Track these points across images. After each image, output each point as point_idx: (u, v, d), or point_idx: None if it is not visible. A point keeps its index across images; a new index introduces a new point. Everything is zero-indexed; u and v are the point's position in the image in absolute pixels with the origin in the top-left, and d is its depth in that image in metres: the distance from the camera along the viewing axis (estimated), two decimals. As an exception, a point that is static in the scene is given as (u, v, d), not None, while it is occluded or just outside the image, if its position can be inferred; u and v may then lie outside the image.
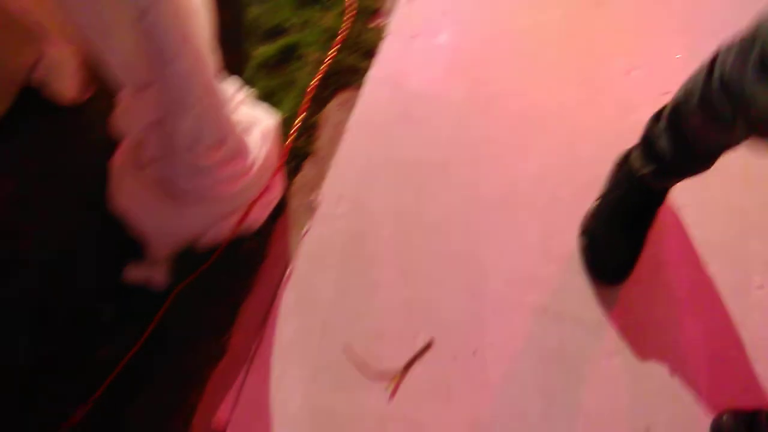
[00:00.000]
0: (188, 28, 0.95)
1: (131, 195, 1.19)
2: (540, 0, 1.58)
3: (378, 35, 1.53)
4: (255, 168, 1.19)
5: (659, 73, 1.46)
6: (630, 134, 1.34)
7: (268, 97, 1.44)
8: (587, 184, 1.27)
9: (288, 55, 1.55)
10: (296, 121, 1.38)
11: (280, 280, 1.20)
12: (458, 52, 1.49)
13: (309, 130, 1.38)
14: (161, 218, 1.16)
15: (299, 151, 1.35)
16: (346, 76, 1.46)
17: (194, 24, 0.97)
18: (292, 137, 1.35)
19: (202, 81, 1.03)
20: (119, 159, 1.22)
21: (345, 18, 1.56)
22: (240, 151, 1.16)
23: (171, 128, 1.05)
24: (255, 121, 1.26)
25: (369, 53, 1.50)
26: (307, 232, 1.25)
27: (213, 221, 1.17)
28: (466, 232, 1.24)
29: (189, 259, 1.19)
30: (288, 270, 1.21)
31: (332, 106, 1.42)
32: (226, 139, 1.12)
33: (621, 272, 1.13)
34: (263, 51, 1.57)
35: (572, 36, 1.52)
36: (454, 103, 1.40)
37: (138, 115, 1.08)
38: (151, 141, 1.11)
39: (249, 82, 1.46)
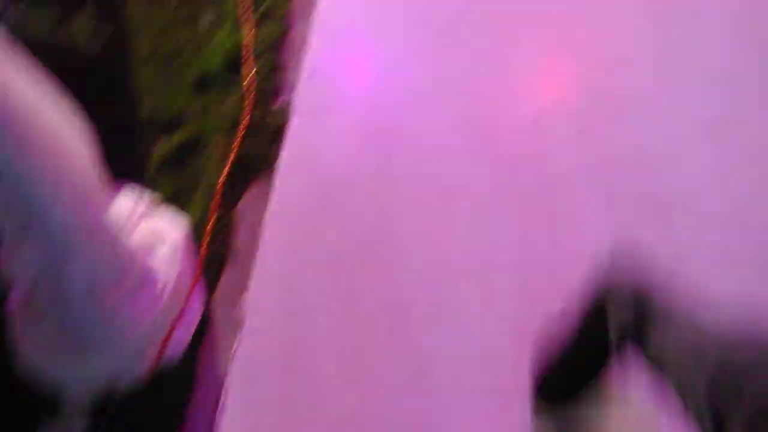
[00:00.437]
0: (59, 171, 0.85)
1: (33, 347, 1.06)
2: (440, 56, 1.55)
3: (283, 116, 1.45)
4: (167, 292, 1.09)
5: (564, 115, 1.46)
6: (549, 183, 1.34)
7: (174, 198, 1.34)
8: (520, 244, 1.24)
9: (191, 148, 1.45)
10: (209, 224, 1.28)
11: (215, 409, 1.09)
12: (366, 122, 1.44)
13: (224, 230, 1.29)
14: (69, 370, 1.03)
15: (216, 257, 1.25)
16: (256, 164, 1.38)
17: (67, 162, 0.87)
18: (206, 243, 1.25)
19: (88, 220, 0.93)
20: (15, 309, 1.08)
21: (246, 101, 1.48)
22: (146, 280, 1.05)
23: (61, 275, 0.93)
24: (161, 236, 1.16)
25: (276, 136, 1.42)
26: (237, 348, 1.15)
27: (129, 361, 1.05)
28: (405, 318, 1.17)
29: (110, 405, 1.07)
30: (222, 395, 1.10)
31: (246, 201, 1.34)
32: (128, 273, 1.01)
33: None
34: (163, 146, 1.47)
35: (475, 90, 1.50)
36: (370, 178, 1.34)
37: (24, 264, 0.96)
38: (44, 289, 0.99)
39: (152, 184, 1.36)
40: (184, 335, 1.13)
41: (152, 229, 1.16)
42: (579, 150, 1.40)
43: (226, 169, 1.36)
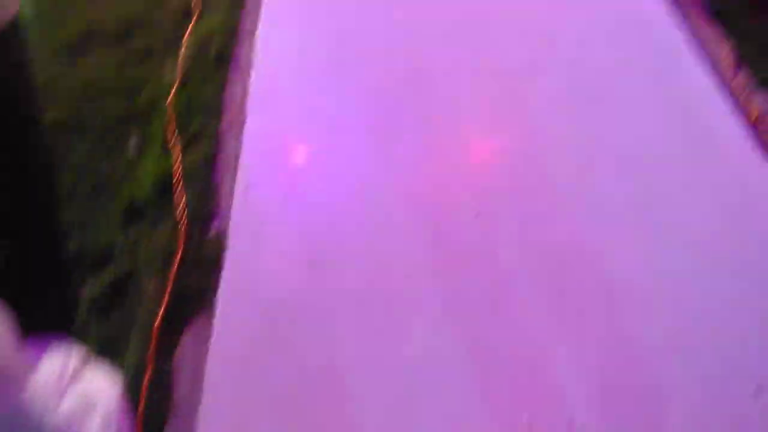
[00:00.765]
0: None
1: None
2: (376, 161, 1.56)
3: (220, 242, 1.40)
4: (102, 469, 0.97)
5: (507, 207, 1.47)
6: (498, 281, 1.33)
7: (106, 347, 1.23)
8: (473, 354, 1.21)
9: (123, 288, 1.36)
10: (146, 374, 1.19)
11: None
12: (307, 240, 1.40)
13: (164, 380, 1.19)
14: None
15: (156, 413, 1.15)
16: (194, 301, 1.30)
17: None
18: (144, 398, 1.15)
19: (7, 407, 0.83)
20: None
21: (179, 230, 1.42)
22: (76, 462, 0.94)
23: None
24: (93, 399, 1.05)
25: (214, 266, 1.36)
26: None
27: None
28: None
29: None
30: None
31: (185, 343, 1.25)
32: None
33: None
34: (92, 288, 1.37)
35: (414, 191, 1.51)
36: (316, 301, 1.30)
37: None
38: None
39: (80, 333, 1.26)
40: None
41: (83, 393, 1.05)
42: (522, 243, 1.41)
43: (162, 308, 1.28)
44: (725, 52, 1.94)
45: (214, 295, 1.30)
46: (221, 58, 1.84)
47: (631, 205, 1.48)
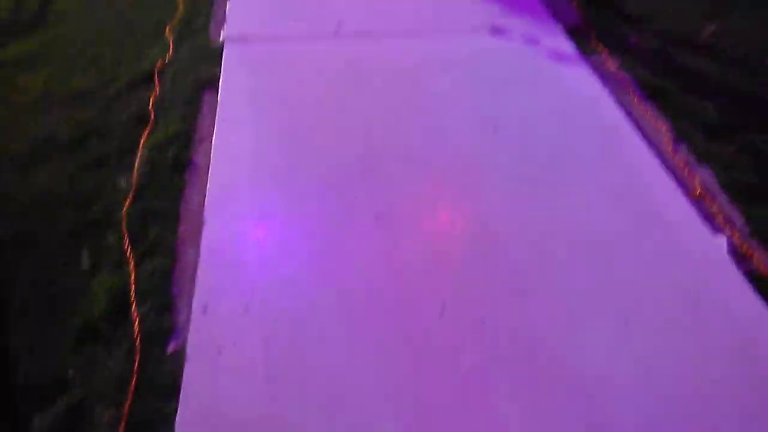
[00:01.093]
0: None
1: None
2: (334, 265, 1.55)
3: (178, 362, 1.34)
4: None
5: (471, 302, 1.47)
6: (463, 378, 1.32)
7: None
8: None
9: (75, 420, 1.28)
10: None
11: None
12: (270, 353, 1.36)
13: None
14: None
15: None
16: (151, 430, 1.23)
17: None
18: None
19: None
20: None
21: (135, 352, 1.36)
22: None
23: None
24: None
25: (172, 390, 1.29)
26: None
27: None
28: None
29: None
30: None
31: (142, 479, 1.17)
32: None
33: None
34: (42, 421, 1.28)
35: (377, 291, 1.49)
36: (282, 422, 1.24)
37: None
38: None
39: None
40: None
41: None
42: (492, 338, 1.40)
43: (117, 444, 1.20)
44: (663, 130, 2.05)
45: (173, 422, 1.23)
46: (178, 165, 1.83)
47: (592, 290, 1.50)
